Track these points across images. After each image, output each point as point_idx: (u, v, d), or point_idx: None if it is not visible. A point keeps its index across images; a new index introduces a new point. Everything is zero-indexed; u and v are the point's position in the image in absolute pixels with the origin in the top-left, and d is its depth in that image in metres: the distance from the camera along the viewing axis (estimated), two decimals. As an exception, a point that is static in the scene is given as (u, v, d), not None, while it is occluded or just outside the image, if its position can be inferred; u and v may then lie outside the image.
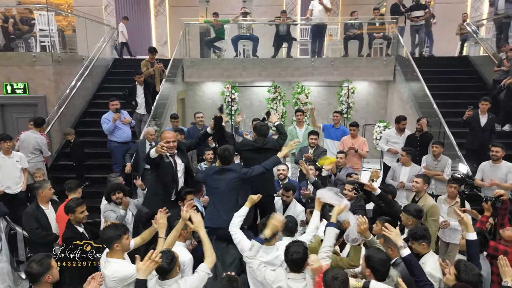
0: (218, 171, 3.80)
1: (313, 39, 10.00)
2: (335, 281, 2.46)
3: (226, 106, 9.87)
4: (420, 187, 4.39)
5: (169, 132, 4.28)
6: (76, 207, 3.92)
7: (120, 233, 3.09)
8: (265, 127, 4.50)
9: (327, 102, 10.64)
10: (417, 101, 8.41)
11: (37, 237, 4.45)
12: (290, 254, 2.77)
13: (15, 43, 8.91)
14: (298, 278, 2.79)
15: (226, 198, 3.64)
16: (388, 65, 9.71)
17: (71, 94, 8.01)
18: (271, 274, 2.86)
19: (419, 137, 6.34)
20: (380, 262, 2.76)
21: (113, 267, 2.99)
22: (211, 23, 9.98)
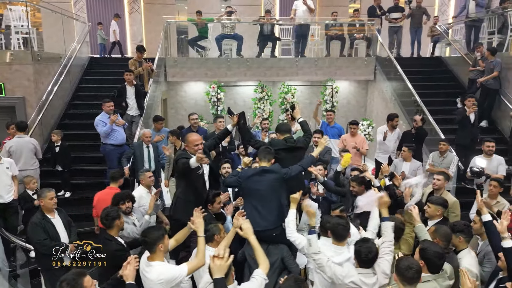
0: (258, 172, 3.70)
1: (296, 39, 10.10)
2: (410, 270, 2.51)
3: (212, 106, 9.71)
4: (441, 184, 4.52)
5: (195, 134, 4.14)
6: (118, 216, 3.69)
7: (163, 233, 2.99)
8: (286, 125, 4.50)
9: (310, 101, 10.78)
10: (401, 100, 8.77)
11: (46, 248, 4.10)
12: (363, 255, 2.80)
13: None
14: (368, 273, 2.83)
15: (268, 199, 3.55)
16: (369, 65, 10.04)
17: (50, 95, 7.49)
18: (341, 270, 2.86)
19: (415, 133, 6.61)
20: (435, 255, 2.74)
21: (157, 270, 2.86)
22: (194, 21, 9.77)
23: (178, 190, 3.94)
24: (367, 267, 2.86)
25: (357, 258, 2.86)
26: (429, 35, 11.24)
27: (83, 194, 6.84)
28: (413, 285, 2.55)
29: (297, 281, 2.57)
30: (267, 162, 3.78)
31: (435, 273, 2.78)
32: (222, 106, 9.74)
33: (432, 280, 2.75)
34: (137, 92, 7.03)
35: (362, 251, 2.82)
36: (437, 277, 2.77)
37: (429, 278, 2.75)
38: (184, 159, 3.73)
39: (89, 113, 8.21)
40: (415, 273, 2.52)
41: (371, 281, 2.82)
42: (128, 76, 6.91)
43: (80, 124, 8.01)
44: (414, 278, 2.52)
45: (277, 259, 3.42)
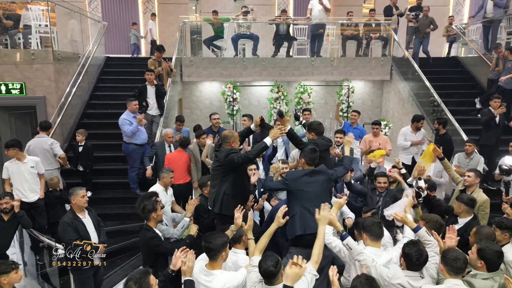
0: (309, 173, 3.65)
1: (312, 39, 10.06)
2: (458, 261, 2.64)
3: (228, 106, 9.69)
4: (472, 181, 4.49)
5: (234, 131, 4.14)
6: (156, 205, 3.73)
7: (227, 240, 2.95)
8: (321, 125, 4.47)
9: (325, 101, 10.76)
10: (419, 100, 8.70)
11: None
12: (415, 259, 2.76)
13: (1, 40, 8.20)
14: (415, 276, 2.80)
15: (320, 200, 3.45)
16: (385, 65, 9.98)
17: (70, 95, 7.50)
18: (387, 271, 2.83)
19: (439, 136, 6.55)
20: (496, 255, 2.77)
21: (221, 278, 2.82)
22: (210, 21, 9.75)
23: (224, 186, 3.84)
24: (415, 270, 2.82)
25: (407, 261, 2.81)
26: (445, 35, 11.16)
27: (102, 193, 6.85)
28: (459, 276, 2.67)
29: (368, 278, 2.57)
30: (313, 166, 3.74)
31: (493, 271, 2.80)
32: (237, 106, 9.72)
33: (490, 278, 2.78)
34: (158, 92, 7.01)
35: (413, 255, 2.77)
36: (494, 275, 2.78)
37: (486, 276, 2.79)
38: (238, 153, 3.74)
39: (107, 112, 8.26)
40: (463, 263, 2.64)
41: (419, 284, 2.78)
42: (149, 76, 6.90)
43: (98, 124, 8.01)
44: (461, 269, 2.65)
45: (329, 261, 3.37)
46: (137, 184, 6.50)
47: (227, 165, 3.77)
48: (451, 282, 2.67)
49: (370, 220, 3.20)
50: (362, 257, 2.89)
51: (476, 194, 4.46)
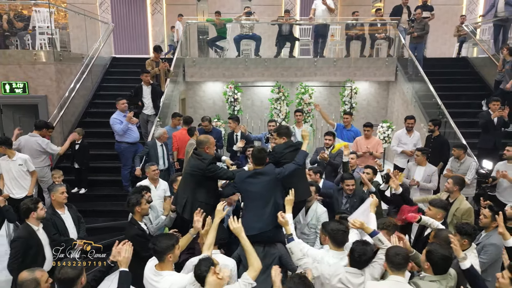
0: (252, 174, 3.67)
1: (315, 39, 9.98)
2: (398, 256, 2.70)
3: (229, 106, 9.74)
4: (450, 187, 4.38)
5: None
6: (141, 199, 3.83)
7: (174, 243, 2.94)
8: (289, 128, 4.43)
9: (328, 102, 10.65)
10: (422, 102, 8.49)
11: (56, 243, 4.22)
12: (357, 255, 2.79)
13: (10, 41, 8.55)
14: (356, 273, 2.81)
15: (264, 200, 3.51)
16: (390, 66, 9.78)
17: (72, 94, 7.74)
18: (328, 269, 2.84)
19: (433, 139, 6.38)
20: (442, 258, 2.76)
21: (169, 279, 2.83)
22: (213, 22, 9.83)
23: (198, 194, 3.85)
24: (357, 267, 2.83)
25: (351, 256, 2.84)
26: (455, 34, 10.84)
27: (99, 190, 7.04)
28: (401, 272, 2.71)
29: (302, 278, 2.55)
30: (262, 166, 3.74)
31: (440, 275, 2.80)
32: (239, 106, 9.76)
33: (437, 281, 2.76)
34: (153, 92, 7.14)
35: (356, 251, 2.80)
36: (441, 278, 2.78)
37: (433, 279, 2.78)
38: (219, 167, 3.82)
39: (109, 111, 8.41)
40: (402, 259, 2.69)
41: (358, 281, 2.79)
42: (145, 77, 7.03)
43: (100, 122, 8.21)
44: (401, 264, 2.70)
45: (275, 259, 3.39)
46: (129, 182, 6.63)
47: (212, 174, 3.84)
48: (393, 279, 2.70)
49: (335, 226, 3.12)
50: (302, 262, 2.89)
51: (459, 202, 4.35)
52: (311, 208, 4.44)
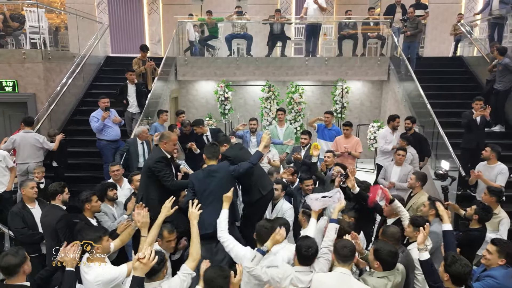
0: (207, 174, 3.71)
1: (307, 38, 9.95)
2: (345, 249, 2.74)
3: (220, 104, 9.79)
4: (413, 183, 4.44)
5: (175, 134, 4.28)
6: (91, 196, 3.92)
7: (101, 235, 3.02)
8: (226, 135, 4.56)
9: (321, 101, 10.60)
10: (411, 101, 8.39)
11: (23, 236, 4.35)
12: (304, 250, 2.79)
13: (5, 40, 8.75)
14: (305, 271, 2.82)
15: (217, 198, 3.53)
16: (382, 65, 9.68)
17: (61, 92, 7.88)
18: (277, 271, 2.85)
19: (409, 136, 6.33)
20: (389, 255, 2.82)
21: (96, 271, 2.89)
22: (205, 21, 9.89)
23: (150, 191, 3.91)
24: (305, 264, 2.84)
25: (298, 253, 2.85)
26: (452, 33, 10.68)
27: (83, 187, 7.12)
28: (347, 264, 2.77)
29: (221, 268, 2.59)
30: (214, 160, 3.79)
31: (388, 271, 2.85)
32: (230, 105, 9.80)
33: (385, 276, 2.84)
34: (138, 91, 7.22)
35: (302, 246, 2.81)
36: (389, 273, 2.85)
37: (381, 275, 2.85)
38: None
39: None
40: (349, 252, 2.75)
41: (307, 278, 2.81)
42: (130, 75, 7.12)
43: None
44: (347, 257, 2.76)
45: (225, 256, 3.41)
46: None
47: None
48: (339, 270, 2.76)
49: (261, 223, 3.16)
50: (252, 272, 2.88)
51: (417, 197, 4.41)
52: (277, 205, 4.48)
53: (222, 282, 2.46)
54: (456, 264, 2.63)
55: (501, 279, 2.97)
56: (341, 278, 2.71)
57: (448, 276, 2.66)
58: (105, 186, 4.53)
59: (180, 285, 2.70)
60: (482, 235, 3.86)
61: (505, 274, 3.02)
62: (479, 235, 3.80)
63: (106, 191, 4.47)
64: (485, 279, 3.01)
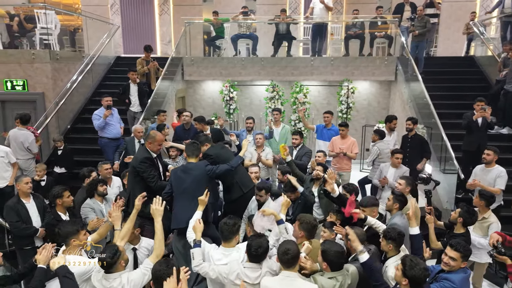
0: (183, 170, 3.79)
1: (313, 38, 9.90)
2: (286, 255, 2.69)
3: (225, 104, 9.87)
4: (402, 188, 4.33)
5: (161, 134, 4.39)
6: (63, 192, 4.05)
7: (78, 228, 3.13)
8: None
9: (327, 102, 10.51)
10: (416, 102, 8.22)
11: (17, 230, 4.51)
12: (253, 249, 2.82)
13: (19, 41, 9.12)
14: (254, 268, 2.85)
15: (192, 195, 3.60)
16: (390, 65, 9.52)
17: (69, 92, 8.14)
18: (224, 268, 2.90)
19: (410, 138, 6.21)
20: (336, 255, 2.82)
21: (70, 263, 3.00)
22: (211, 21, 9.99)
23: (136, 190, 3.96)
24: (255, 262, 2.86)
25: (248, 252, 2.87)
26: (464, 32, 10.38)
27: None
28: (291, 268, 2.75)
29: (167, 262, 2.62)
30: (194, 158, 3.84)
31: (336, 271, 2.85)
32: (235, 104, 9.87)
33: (333, 277, 2.84)
34: (140, 90, 7.39)
35: (252, 245, 2.83)
36: (337, 274, 2.85)
37: (330, 275, 2.85)
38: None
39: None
40: (291, 258, 2.71)
41: (255, 275, 2.84)
42: (132, 75, 7.30)
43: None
44: (289, 262, 2.73)
45: (179, 247, 3.47)
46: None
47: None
48: (285, 274, 2.75)
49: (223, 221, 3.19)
50: (200, 268, 2.95)
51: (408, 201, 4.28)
52: (264, 205, 4.49)
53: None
54: (415, 268, 2.60)
55: (458, 283, 2.91)
56: (286, 281, 2.71)
57: (407, 280, 2.63)
58: (95, 181, 4.66)
59: (141, 278, 2.78)
60: (467, 240, 3.77)
61: (463, 278, 2.97)
62: (465, 240, 3.70)
63: (96, 186, 4.59)
64: (443, 282, 2.95)
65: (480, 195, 4.29)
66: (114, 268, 2.75)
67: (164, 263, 2.54)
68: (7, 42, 9.04)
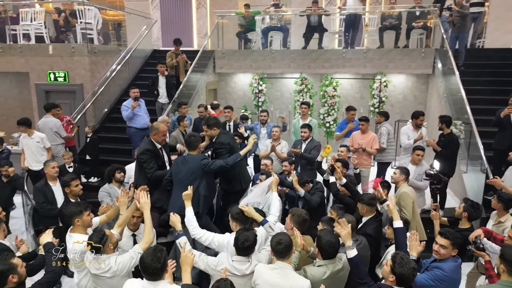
0: (182, 159, 3.93)
1: (346, 30, 9.62)
2: (280, 246, 2.75)
3: (254, 97, 9.93)
4: (397, 177, 4.53)
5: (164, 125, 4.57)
6: (70, 181, 4.34)
7: (81, 209, 3.35)
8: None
9: (360, 95, 10.20)
10: (452, 97, 7.74)
11: (43, 210, 4.92)
12: (240, 243, 2.87)
13: (65, 35, 9.79)
14: (242, 261, 2.92)
15: (185, 184, 3.73)
16: (427, 58, 9.02)
17: (105, 83, 8.63)
18: (213, 260, 2.99)
19: (443, 136, 5.90)
20: (328, 244, 2.85)
21: (75, 239, 3.23)
22: (242, 14, 10.06)
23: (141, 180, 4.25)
24: (243, 255, 2.92)
25: (235, 245, 2.92)
26: (515, 21, 9.53)
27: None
28: (285, 259, 2.81)
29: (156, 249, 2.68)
30: (193, 150, 3.95)
31: (328, 259, 2.91)
32: (263, 97, 9.90)
33: (324, 265, 2.89)
34: (167, 82, 7.66)
35: (240, 239, 2.88)
36: (329, 262, 2.90)
37: (321, 263, 2.91)
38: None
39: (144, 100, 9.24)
40: (284, 248, 2.76)
41: (243, 267, 2.89)
42: (160, 67, 7.59)
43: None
44: (283, 252, 2.78)
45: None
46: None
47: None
48: (278, 264, 2.81)
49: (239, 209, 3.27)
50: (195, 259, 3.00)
51: (401, 189, 4.44)
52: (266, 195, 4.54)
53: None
54: (404, 267, 2.54)
55: (449, 271, 2.85)
56: (278, 271, 2.76)
57: (394, 277, 2.57)
58: (114, 168, 4.93)
59: (128, 261, 2.95)
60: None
61: (454, 267, 2.90)
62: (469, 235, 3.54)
63: (114, 173, 4.88)
64: (433, 270, 2.90)
65: (498, 197, 4.02)
66: (102, 251, 2.93)
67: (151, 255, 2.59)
68: (54, 36, 9.73)
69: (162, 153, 4.41)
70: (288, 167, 5.01)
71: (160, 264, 2.51)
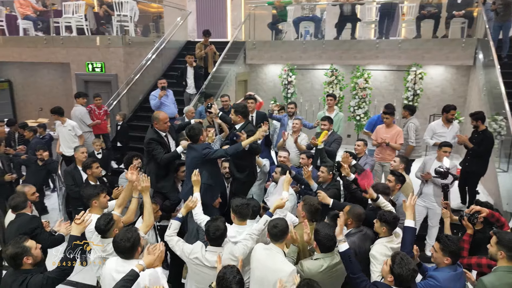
0: (189, 148, 4.07)
1: (380, 19, 9.26)
2: (275, 229, 2.85)
3: (283, 88, 9.88)
4: (396, 166, 4.66)
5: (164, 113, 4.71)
6: (91, 163, 4.62)
7: (98, 191, 3.57)
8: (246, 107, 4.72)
9: (395, 88, 9.82)
10: (492, 90, 7.26)
11: (72, 192, 5.27)
12: (211, 233, 2.94)
13: (104, 27, 10.26)
14: (213, 251, 2.97)
15: (189, 172, 3.87)
16: (468, 48, 8.49)
17: (139, 73, 8.97)
18: (188, 247, 3.07)
19: (477, 133, 5.57)
20: (325, 237, 2.87)
21: (93, 219, 3.46)
22: (274, 4, 9.98)
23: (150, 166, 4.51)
24: (215, 245, 2.98)
25: (207, 235, 2.99)
26: None
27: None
28: (279, 242, 2.90)
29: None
30: (195, 143, 4.06)
31: (325, 253, 2.89)
32: (293, 89, 9.82)
33: (321, 258, 2.92)
34: (195, 73, 7.82)
35: (210, 230, 2.95)
36: (326, 256, 2.93)
37: (318, 256, 2.94)
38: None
39: (173, 90, 9.52)
40: (279, 231, 2.86)
41: (214, 258, 2.94)
42: (189, 59, 7.76)
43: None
44: (277, 236, 2.88)
45: (194, 228, 3.70)
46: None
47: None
48: (271, 246, 2.91)
49: (240, 202, 3.28)
50: (169, 238, 3.15)
51: None
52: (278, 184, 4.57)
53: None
54: (403, 268, 2.50)
55: (442, 281, 2.71)
56: (269, 251, 2.88)
57: (392, 277, 2.53)
58: (131, 155, 5.15)
59: None
60: (486, 235, 3.42)
61: (450, 277, 2.74)
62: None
63: (131, 160, 5.10)
64: (427, 280, 2.79)
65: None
66: (108, 234, 3.10)
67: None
68: (94, 28, 10.22)
69: (167, 140, 4.58)
70: (306, 160, 4.98)
71: (129, 243, 2.65)
